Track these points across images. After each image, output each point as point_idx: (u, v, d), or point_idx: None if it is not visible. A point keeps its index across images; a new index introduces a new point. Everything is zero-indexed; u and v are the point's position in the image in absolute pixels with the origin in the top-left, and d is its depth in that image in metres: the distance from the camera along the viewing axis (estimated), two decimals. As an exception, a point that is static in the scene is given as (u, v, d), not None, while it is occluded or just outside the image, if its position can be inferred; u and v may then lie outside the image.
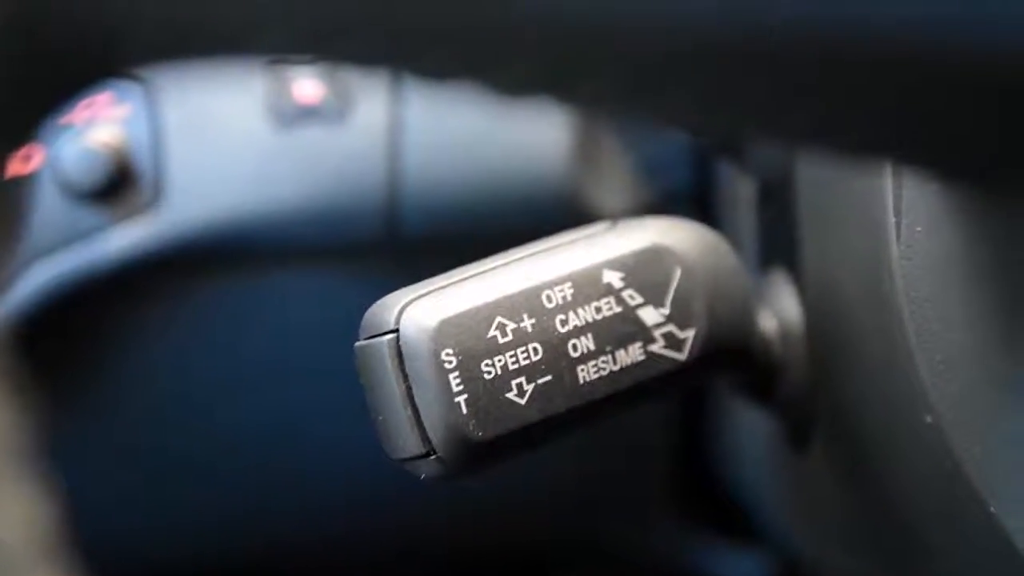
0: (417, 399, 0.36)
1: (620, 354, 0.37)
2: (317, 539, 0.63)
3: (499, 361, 0.36)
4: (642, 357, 0.38)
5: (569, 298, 0.37)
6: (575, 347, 0.37)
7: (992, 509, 0.32)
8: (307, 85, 0.53)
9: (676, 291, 0.38)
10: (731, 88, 0.24)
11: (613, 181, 0.55)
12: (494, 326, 0.36)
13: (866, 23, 0.23)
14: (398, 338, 0.36)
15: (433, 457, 0.36)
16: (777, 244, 0.45)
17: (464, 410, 0.36)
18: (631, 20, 0.23)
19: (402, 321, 0.36)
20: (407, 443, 0.36)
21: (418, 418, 0.36)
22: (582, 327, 0.37)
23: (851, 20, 0.23)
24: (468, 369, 0.36)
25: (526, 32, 0.23)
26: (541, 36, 0.23)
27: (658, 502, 0.63)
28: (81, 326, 0.55)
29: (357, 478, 0.59)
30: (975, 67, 0.23)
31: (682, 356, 0.38)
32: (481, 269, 0.38)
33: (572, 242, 0.39)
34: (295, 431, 0.59)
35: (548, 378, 0.37)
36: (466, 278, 0.37)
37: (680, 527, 0.64)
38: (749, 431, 0.52)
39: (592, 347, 0.37)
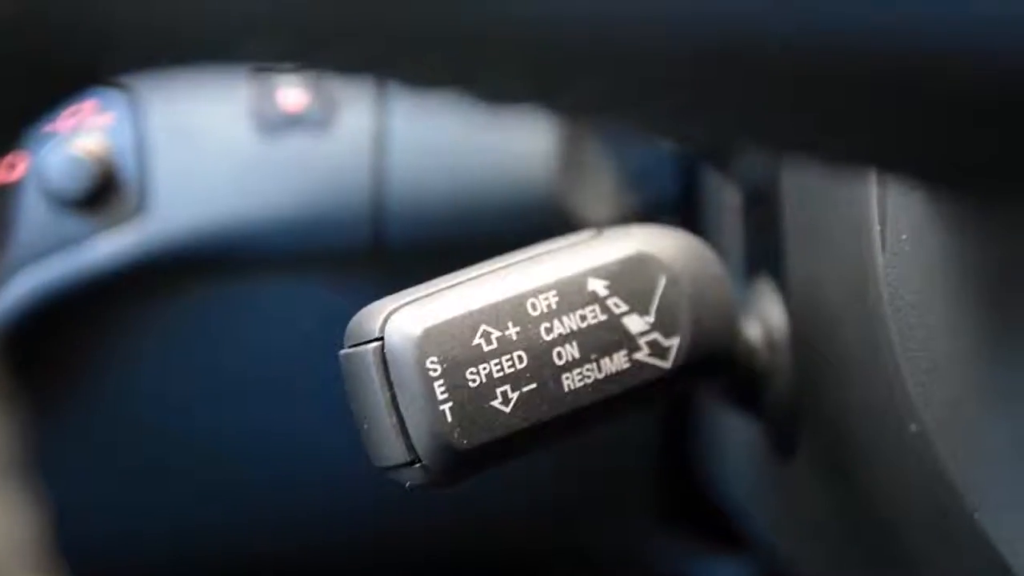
0: (402, 407, 0.36)
1: (605, 362, 0.37)
2: (299, 546, 0.63)
3: (484, 369, 0.36)
4: (627, 365, 0.37)
5: (554, 306, 0.37)
6: (560, 355, 0.37)
7: (977, 516, 0.32)
8: (292, 93, 0.53)
9: (661, 299, 0.38)
10: (720, 96, 0.24)
11: (598, 189, 0.55)
12: (479, 334, 0.36)
13: (859, 34, 0.23)
14: (383, 346, 0.36)
15: (418, 465, 0.36)
16: (762, 252, 0.45)
17: (449, 418, 0.36)
18: (620, 28, 0.23)
19: (387, 329, 0.36)
20: (392, 451, 0.36)
21: (403, 426, 0.36)
22: (567, 335, 0.37)
23: (843, 31, 0.23)
24: (453, 377, 0.36)
25: (513, 39, 0.23)
26: (528, 44, 0.23)
27: (642, 508, 0.63)
28: (66, 334, 0.55)
29: (338, 486, 0.59)
30: (967, 78, 0.23)
31: (667, 364, 0.38)
32: (466, 277, 0.38)
33: (557, 250, 0.39)
34: (278, 439, 0.59)
35: (533, 386, 0.36)
36: (451, 286, 0.37)
37: (664, 533, 0.64)
38: (734, 438, 0.52)
39: (577, 355, 0.37)
